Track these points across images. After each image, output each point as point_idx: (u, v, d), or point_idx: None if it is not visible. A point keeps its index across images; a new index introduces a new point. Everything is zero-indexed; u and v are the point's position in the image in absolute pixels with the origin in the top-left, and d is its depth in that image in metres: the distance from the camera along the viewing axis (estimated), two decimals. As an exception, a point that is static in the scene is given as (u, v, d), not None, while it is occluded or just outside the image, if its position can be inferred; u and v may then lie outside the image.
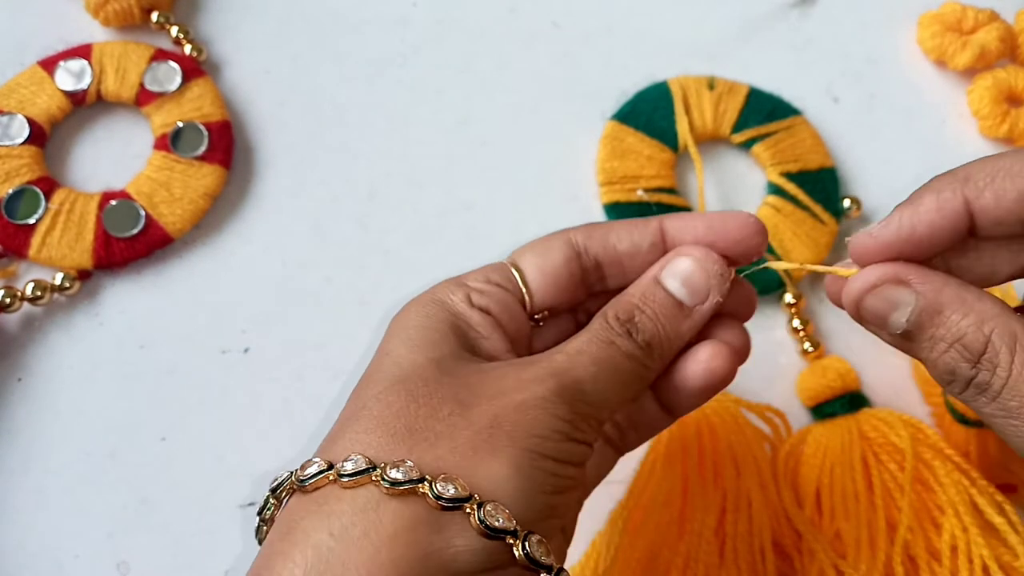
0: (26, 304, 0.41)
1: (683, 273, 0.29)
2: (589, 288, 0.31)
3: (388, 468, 0.24)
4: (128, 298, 0.43)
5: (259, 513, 0.26)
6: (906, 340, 0.27)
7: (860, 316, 0.28)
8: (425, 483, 0.23)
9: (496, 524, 0.23)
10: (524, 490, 0.24)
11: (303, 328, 0.43)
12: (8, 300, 0.41)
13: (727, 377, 0.30)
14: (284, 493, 0.26)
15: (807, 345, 0.44)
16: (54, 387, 0.41)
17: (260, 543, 0.26)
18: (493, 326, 0.29)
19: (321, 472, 0.24)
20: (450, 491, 0.23)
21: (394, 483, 0.23)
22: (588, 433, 0.27)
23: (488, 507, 0.23)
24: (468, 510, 0.23)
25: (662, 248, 0.30)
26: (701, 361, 0.30)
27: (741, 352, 0.31)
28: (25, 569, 0.38)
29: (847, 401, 0.42)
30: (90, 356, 0.42)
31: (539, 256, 0.30)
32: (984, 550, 0.36)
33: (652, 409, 0.31)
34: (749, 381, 0.41)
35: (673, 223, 0.30)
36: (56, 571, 0.38)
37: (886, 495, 0.38)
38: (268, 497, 0.26)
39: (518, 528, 0.24)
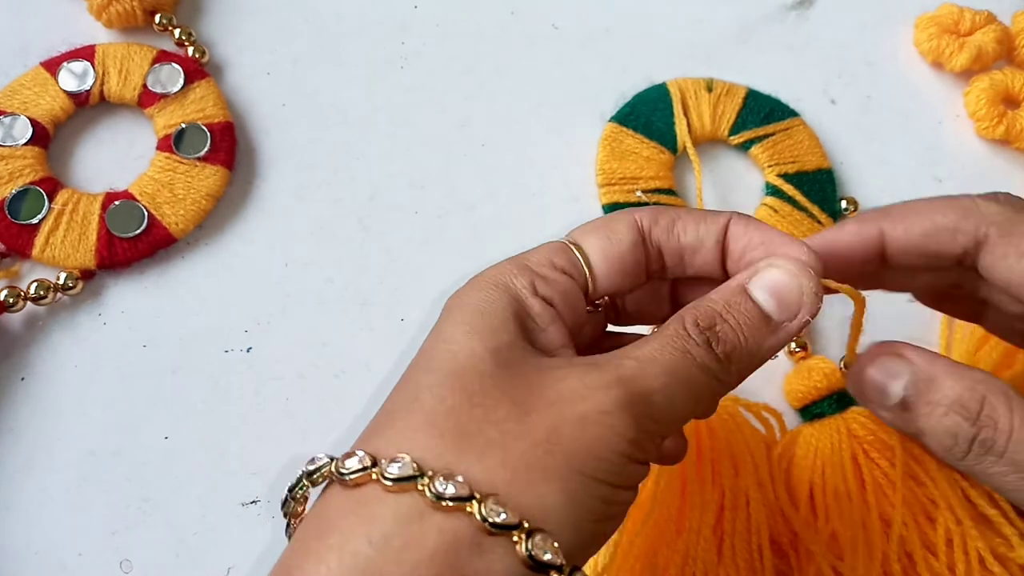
0: (29, 304, 0.42)
1: (774, 285, 0.27)
2: (650, 275, 0.30)
3: (436, 479, 0.22)
4: (131, 298, 0.43)
5: (290, 490, 0.25)
6: (904, 410, 0.29)
7: (861, 389, 0.31)
8: (474, 503, 0.22)
9: (544, 558, 0.22)
10: (574, 520, 0.23)
11: (305, 328, 0.43)
12: (11, 300, 0.41)
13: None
14: (320, 479, 0.24)
15: (793, 346, 0.44)
16: (57, 386, 0.41)
17: (286, 516, 0.25)
18: (554, 317, 0.27)
19: (364, 469, 0.23)
20: (501, 517, 0.22)
21: (440, 497, 0.22)
22: (650, 452, 0.25)
23: (537, 538, 0.22)
24: (516, 539, 0.22)
25: (723, 247, 0.29)
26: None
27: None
28: (28, 567, 0.38)
29: (834, 401, 0.42)
30: (93, 355, 0.42)
31: (604, 239, 0.28)
32: (979, 542, 0.36)
33: None
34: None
35: (738, 229, 0.29)
36: (59, 569, 0.38)
37: (879, 492, 0.38)
38: (301, 478, 0.25)
39: (564, 564, 0.22)
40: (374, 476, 0.23)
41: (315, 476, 0.24)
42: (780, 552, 0.38)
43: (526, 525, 0.22)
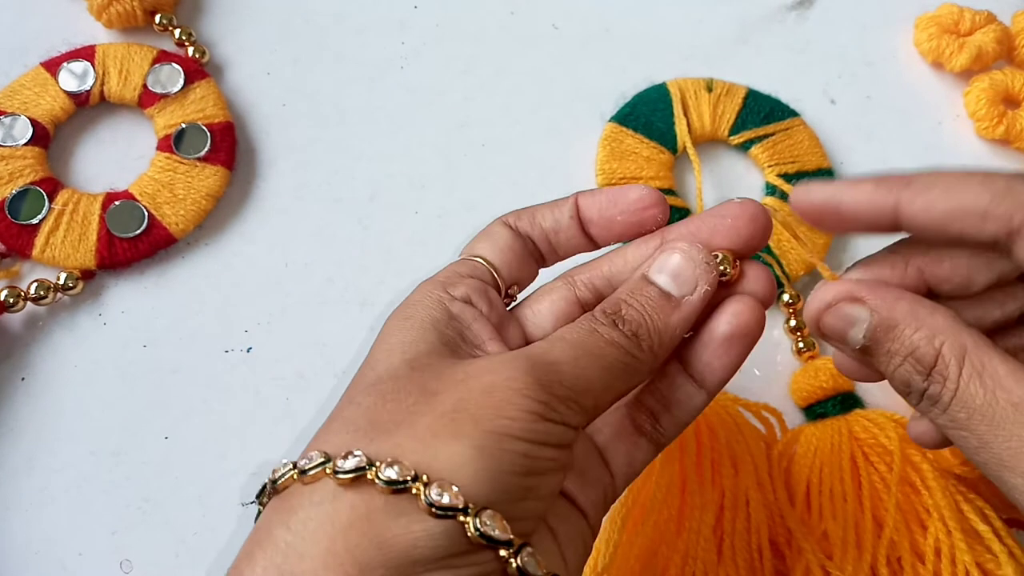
0: (30, 304, 0.42)
1: (670, 266, 0.29)
2: (538, 264, 0.32)
3: (338, 460, 0.23)
4: (131, 298, 0.43)
5: (257, 499, 0.27)
6: (866, 355, 0.28)
7: (821, 334, 0.29)
8: (372, 469, 0.23)
9: (443, 502, 0.23)
10: (488, 470, 0.24)
11: (305, 328, 0.43)
12: (12, 300, 0.41)
13: (753, 324, 0.29)
14: (266, 499, 0.26)
15: (800, 345, 0.44)
16: (58, 386, 0.41)
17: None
18: (475, 314, 0.29)
19: (287, 473, 0.24)
20: (391, 473, 0.23)
21: (342, 472, 0.23)
22: (567, 415, 0.26)
23: (434, 486, 0.23)
24: (415, 491, 0.23)
25: (579, 219, 0.31)
26: (725, 312, 0.29)
27: (765, 297, 0.30)
28: (29, 567, 0.38)
29: (839, 402, 0.42)
30: (93, 356, 0.42)
31: (487, 240, 0.31)
32: (967, 555, 0.36)
33: (683, 385, 0.30)
34: (745, 380, 0.41)
35: (585, 199, 0.31)
36: (59, 569, 0.38)
37: (874, 495, 0.39)
38: (261, 491, 0.26)
39: (470, 506, 0.23)
40: (294, 477, 0.24)
41: (262, 498, 0.26)
42: (778, 552, 0.38)
43: (425, 478, 0.23)
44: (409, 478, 0.23)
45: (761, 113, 0.49)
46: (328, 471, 0.23)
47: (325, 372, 0.42)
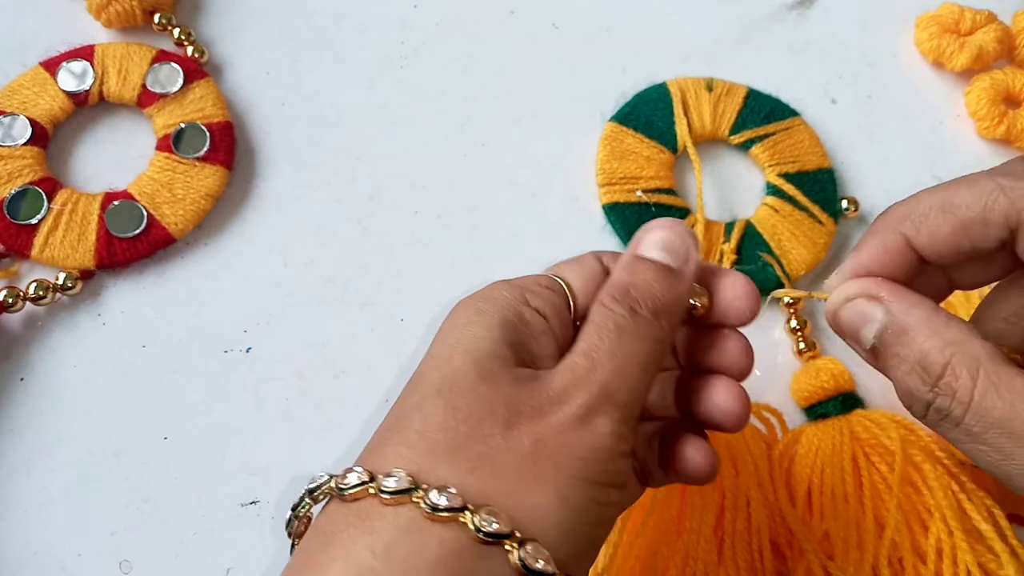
0: (29, 304, 0.42)
1: (658, 240, 0.29)
2: None
3: (430, 491, 0.23)
4: (130, 298, 0.43)
5: (293, 508, 0.26)
6: (875, 357, 0.28)
7: (837, 328, 0.29)
8: (467, 513, 0.23)
9: (536, 567, 0.23)
10: (568, 523, 0.24)
11: (305, 328, 0.43)
12: (11, 300, 0.41)
13: (740, 410, 0.30)
14: (321, 496, 0.25)
15: (801, 345, 0.44)
16: (57, 387, 0.41)
17: (290, 536, 0.26)
18: (545, 327, 0.29)
19: (362, 483, 0.24)
20: (493, 526, 0.23)
21: (435, 508, 0.23)
22: (628, 437, 0.27)
23: (529, 547, 0.23)
24: (508, 547, 0.23)
25: None
26: (711, 403, 0.30)
27: (743, 372, 0.31)
28: (28, 567, 0.38)
29: (840, 402, 0.42)
30: (92, 356, 0.42)
31: (577, 267, 0.31)
32: (968, 555, 0.36)
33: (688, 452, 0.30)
34: (747, 380, 0.41)
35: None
36: (59, 570, 0.38)
37: (875, 496, 0.39)
38: (304, 496, 0.26)
39: (557, 572, 0.23)
40: (372, 491, 0.24)
41: (316, 493, 0.25)
42: (779, 553, 0.38)
43: (518, 535, 0.23)
44: (505, 533, 0.23)
45: (762, 113, 0.49)
46: (415, 499, 0.23)
47: (325, 372, 0.42)
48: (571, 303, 0.30)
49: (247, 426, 0.41)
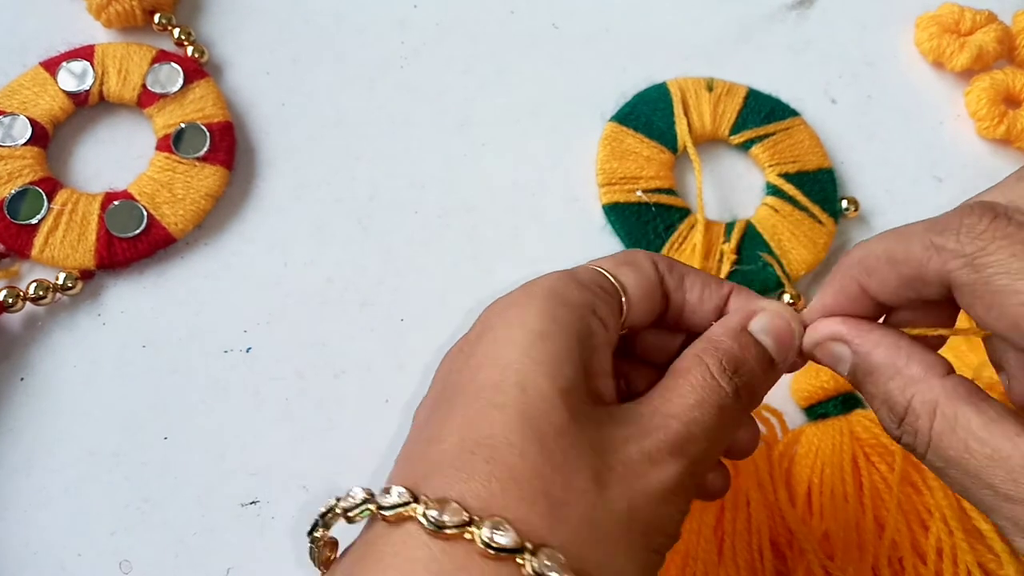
0: (29, 304, 0.42)
1: (773, 328, 0.29)
2: (652, 319, 0.30)
3: (540, 552, 0.22)
4: (130, 298, 0.43)
5: (322, 516, 0.25)
6: (856, 388, 0.28)
7: (818, 363, 0.29)
8: None
9: None
10: None
11: (305, 328, 0.43)
12: (11, 300, 0.41)
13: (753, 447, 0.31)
14: (359, 517, 0.24)
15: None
16: (57, 387, 0.41)
17: (312, 542, 0.25)
18: (606, 340, 0.27)
19: (462, 525, 0.22)
20: None
21: (531, 565, 0.22)
22: (693, 501, 0.27)
23: None
24: None
25: (721, 313, 0.30)
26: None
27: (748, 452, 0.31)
28: (28, 567, 0.38)
29: (840, 402, 0.42)
30: (92, 356, 0.42)
31: (636, 271, 0.29)
32: (968, 555, 0.36)
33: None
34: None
35: (742, 301, 0.30)
36: (58, 570, 0.38)
37: (875, 496, 0.39)
38: (333, 507, 0.25)
39: None
40: (467, 536, 0.22)
41: (352, 513, 0.24)
42: (779, 553, 0.38)
43: None
44: None
45: (762, 113, 0.49)
46: (521, 560, 0.22)
47: (325, 372, 0.42)
48: (624, 311, 0.28)
49: (247, 426, 0.41)
